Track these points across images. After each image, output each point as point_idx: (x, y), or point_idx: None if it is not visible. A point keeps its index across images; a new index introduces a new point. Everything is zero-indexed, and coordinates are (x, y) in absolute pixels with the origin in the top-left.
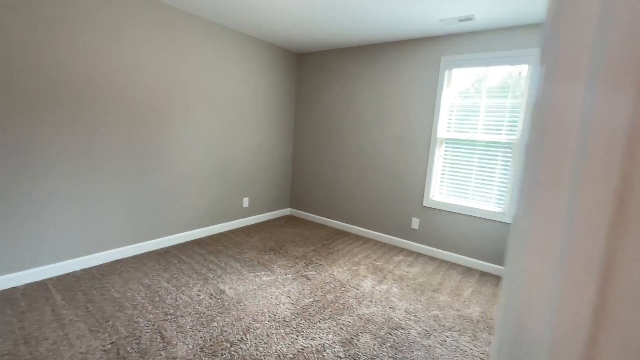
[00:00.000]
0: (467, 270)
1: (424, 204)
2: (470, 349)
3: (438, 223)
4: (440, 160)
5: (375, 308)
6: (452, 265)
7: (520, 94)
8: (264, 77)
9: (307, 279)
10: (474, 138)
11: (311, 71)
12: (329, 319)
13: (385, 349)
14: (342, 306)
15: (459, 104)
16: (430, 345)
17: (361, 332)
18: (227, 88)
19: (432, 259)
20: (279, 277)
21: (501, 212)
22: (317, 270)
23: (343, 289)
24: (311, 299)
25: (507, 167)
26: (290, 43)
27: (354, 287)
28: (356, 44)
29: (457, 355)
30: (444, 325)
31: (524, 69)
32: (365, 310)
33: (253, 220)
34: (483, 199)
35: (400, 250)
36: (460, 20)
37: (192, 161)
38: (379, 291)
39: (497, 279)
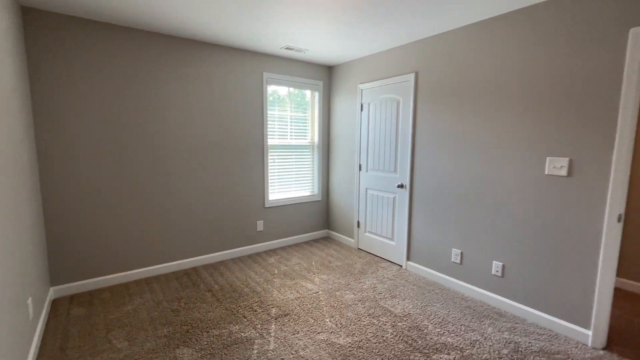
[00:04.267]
0: (303, 245)
1: (265, 206)
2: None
3: (277, 218)
4: (268, 165)
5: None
6: (300, 245)
7: (309, 110)
8: None
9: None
10: (288, 143)
11: (68, 52)
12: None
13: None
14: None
15: (278, 115)
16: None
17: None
18: None
19: (283, 249)
20: None
21: (313, 194)
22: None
23: (322, 299)
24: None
25: (309, 163)
26: None
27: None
28: (161, 30)
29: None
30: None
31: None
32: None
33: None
34: (301, 188)
35: (257, 255)
36: (287, 49)
37: None
38: (330, 281)
39: (326, 240)
